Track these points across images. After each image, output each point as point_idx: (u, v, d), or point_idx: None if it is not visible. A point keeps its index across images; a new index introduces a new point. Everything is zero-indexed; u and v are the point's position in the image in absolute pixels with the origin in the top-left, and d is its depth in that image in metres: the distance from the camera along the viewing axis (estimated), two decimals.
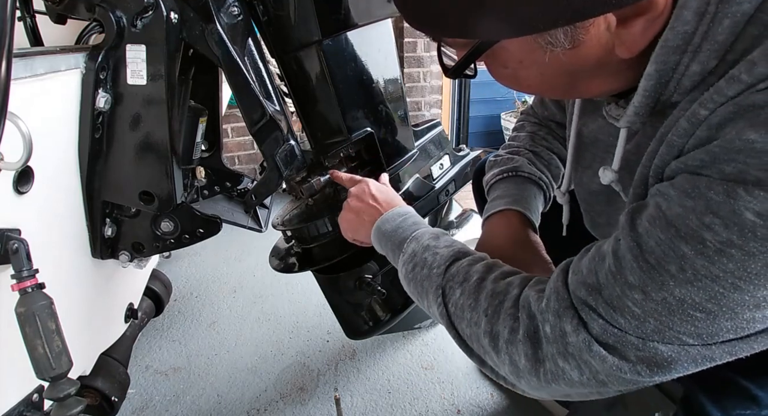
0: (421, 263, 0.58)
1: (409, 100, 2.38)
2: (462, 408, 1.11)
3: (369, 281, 0.85)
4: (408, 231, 0.63)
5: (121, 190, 0.72)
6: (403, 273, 0.61)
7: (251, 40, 0.72)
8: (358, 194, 0.72)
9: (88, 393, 0.92)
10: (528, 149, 0.78)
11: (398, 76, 0.86)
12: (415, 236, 0.61)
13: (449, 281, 0.54)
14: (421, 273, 0.57)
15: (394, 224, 0.65)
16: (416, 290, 0.58)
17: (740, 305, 0.36)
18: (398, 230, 0.64)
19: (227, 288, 1.66)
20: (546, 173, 0.76)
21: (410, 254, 0.60)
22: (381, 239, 0.66)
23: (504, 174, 0.75)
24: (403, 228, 0.64)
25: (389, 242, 0.64)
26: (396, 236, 0.64)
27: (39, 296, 0.54)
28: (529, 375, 0.45)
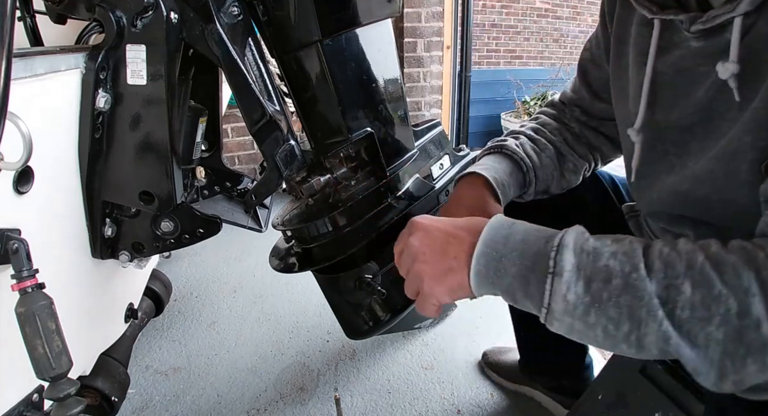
0: (601, 276, 0.41)
1: (409, 100, 2.38)
2: (462, 408, 1.11)
3: (369, 281, 0.85)
4: (539, 243, 0.45)
5: (121, 190, 0.72)
6: (569, 302, 0.42)
7: (251, 40, 0.72)
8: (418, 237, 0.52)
9: (88, 393, 0.92)
10: (526, 135, 0.79)
11: (398, 76, 0.85)
12: (563, 245, 0.43)
13: (665, 279, 0.39)
14: (610, 289, 0.40)
15: (506, 246, 0.46)
16: (603, 315, 0.41)
17: None
18: (521, 251, 0.45)
19: (227, 288, 1.66)
20: (533, 158, 0.75)
21: (572, 270, 0.42)
22: (496, 271, 0.46)
23: (488, 150, 0.77)
24: (526, 242, 0.45)
25: (513, 268, 0.45)
26: (525, 257, 0.45)
27: (39, 296, 0.54)
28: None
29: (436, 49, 2.60)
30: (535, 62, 4.85)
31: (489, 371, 1.20)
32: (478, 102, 3.38)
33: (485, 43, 4.58)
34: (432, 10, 2.50)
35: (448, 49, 2.65)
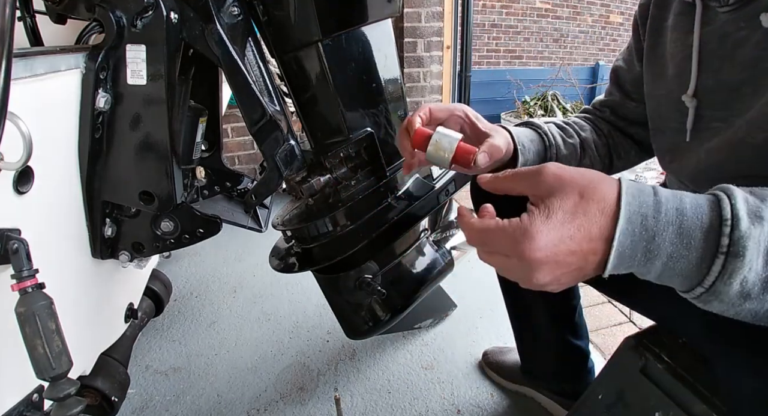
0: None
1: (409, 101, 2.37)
2: (462, 408, 1.11)
3: (369, 281, 0.85)
4: (701, 213, 0.37)
5: (121, 190, 0.72)
6: (748, 282, 0.35)
7: (251, 40, 0.72)
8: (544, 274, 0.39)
9: (88, 393, 0.92)
10: (555, 124, 0.81)
11: (398, 76, 0.86)
12: (738, 217, 0.35)
13: None
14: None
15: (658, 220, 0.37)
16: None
17: None
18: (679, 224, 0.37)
19: (227, 288, 1.66)
20: (557, 139, 0.77)
21: (754, 247, 0.35)
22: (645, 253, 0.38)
23: (517, 125, 0.79)
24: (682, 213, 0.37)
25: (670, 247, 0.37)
26: (685, 234, 0.37)
27: (39, 296, 0.54)
28: None
29: (436, 49, 2.60)
30: (535, 62, 4.85)
31: (489, 371, 1.20)
32: (478, 102, 3.38)
33: (485, 43, 4.58)
34: (432, 10, 2.50)
35: (448, 49, 2.65)
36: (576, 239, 0.38)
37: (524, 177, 0.42)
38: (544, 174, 0.40)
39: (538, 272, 0.39)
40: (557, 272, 0.39)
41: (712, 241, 0.36)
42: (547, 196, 0.39)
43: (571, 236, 0.38)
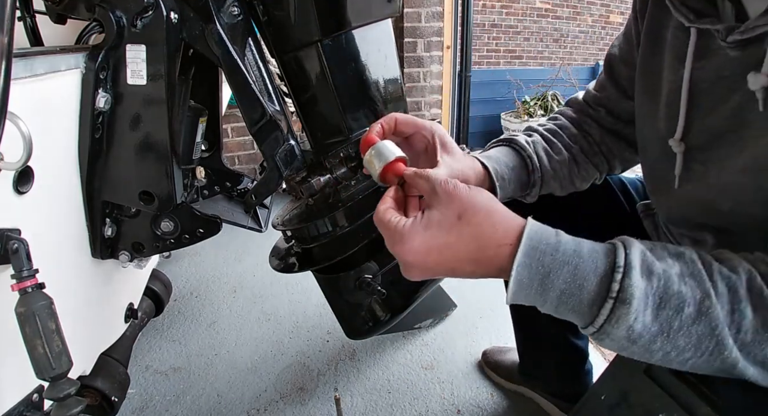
0: (674, 303, 0.38)
1: (409, 100, 2.38)
2: (462, 408, 1.11)
3: (369, 281, 0.85)
4: (597, 259, 0.40)
5: (121, 190, 0.72)
6: (634, 331, 0.39)
7: (251, 40, 0.72)
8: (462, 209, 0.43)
9: (88, 393, 0.92)
10: (542, 135, 0.75)
11: (398, 76, 0.85)
12: (630, 266, 0.39)
13: (729, 303, 0.38)
14: (682, 317, 0.38)
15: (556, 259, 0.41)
16: (673, 345, 0.39)
17: None
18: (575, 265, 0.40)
19: (227, 288, 1.66)
20: (542, 160, 0.70)
21: (641, 297, 0.38)
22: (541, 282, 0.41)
23: (497, 143, 0.72)
24: (579, 255, 0.40)
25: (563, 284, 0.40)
26: (580, 275, 0.40)
27: (39, 296, 0.54)
28: None
29: (436, 49, 2.60)
30: (535, 62, 4.86)
31: (489, 371, 1.20)
32: (478, 102, 3.38)
33: (485, 43, 4.58)
34: (432, 10, 2.50)
35: (448, 49, 2.65)
36: (444, 255, 0.43)
37: (428, 183, 0.46)
38: (439, 186, 0.44)
39: (409, 271, 0.45)
40: (427, 274, 0.44)
41: (603, 285, 0.39)
42: (434, 207, 0.44)
43: (440, 250, 0.43)
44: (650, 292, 0.39)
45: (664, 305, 0.38)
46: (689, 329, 0.38)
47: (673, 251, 0.42)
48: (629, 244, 0.41)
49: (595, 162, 0.76)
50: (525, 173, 0.69)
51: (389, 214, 0.46)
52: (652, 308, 0.39)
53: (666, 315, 0.38)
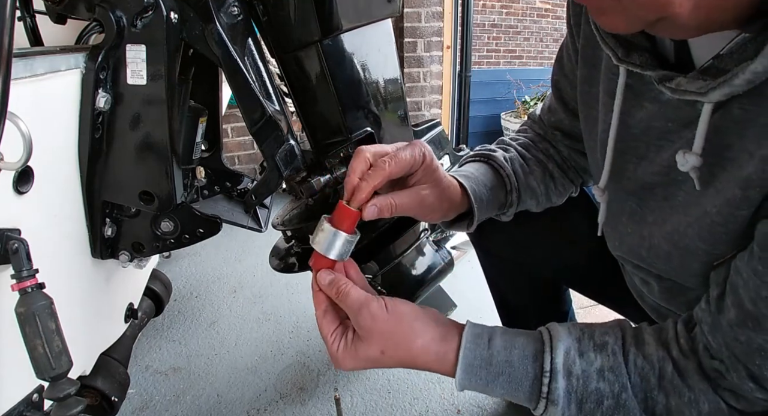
0: (592, 397, 0.45)
1: (409, 101, 2.38)
2: (462, 408, 1.11)
3: (369, 281, 0.85)
4: (526, 366, 0.47)
5: (121, 190, 0.72)
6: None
7: (251, 40, 0.72)
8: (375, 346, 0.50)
9: (88, 393, 0.92)
10: (517, 151, 0.71)
11: (398, 76, 0.86)
12: (555, 371, 0.46)
13: (643, 392, 0.44)
14: (602, 409, 0.45)
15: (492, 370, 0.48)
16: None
17: None
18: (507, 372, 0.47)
19: (227, 288, 1.66)
20: (519, 177, 0.68)
21: (565, 396, 0.45)
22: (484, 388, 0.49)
23: (475, 157, 0.70)
24: (511, 364, 0.47)
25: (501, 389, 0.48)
26: (514, 380, 0.47)
27: (39, 296, 0.54)
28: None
29: (436, 49, 2.60)
30: (535, 62, 4.86)
31: None
32: (478, 102, 3.38)
33: (485, 43, 4.58)
34: (432, 10, 2.50)
35: (448, 49, 2.65)
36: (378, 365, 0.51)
37: (349, 309, 0.52)
38: (359, 319, 0.50)
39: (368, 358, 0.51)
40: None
41: (535, 388, 0.46)
42: (358, 337, 0.51)
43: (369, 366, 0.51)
44: (572, 390, 0.45)
45: (585, 400, 0.45)
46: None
47: (598, 343, 0.47)
48: (555, 344, 0.47)
49: (571, 177, 0.74)
50: (503, 194, 0.67)
51: (325, 328, 0.54)
52: (575, 404, 0.45)
53: (589, 407, 0.45)
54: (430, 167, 0.55)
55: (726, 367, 0.41)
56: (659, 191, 0.50)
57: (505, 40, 4.67)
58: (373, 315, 0.50)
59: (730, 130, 0.39)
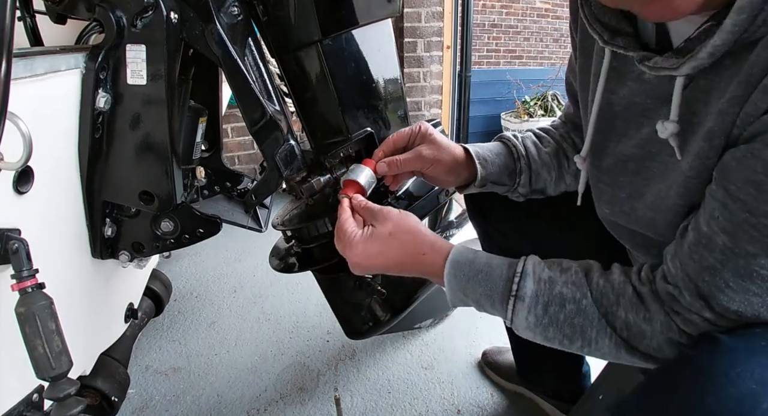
0: (557, 300, 0.50)
1: (409, 101, 2.38)
2: (462, 408, 1.11)
3: (369, 281, 0.85)
4: (500, 270, 0.54)
5: (121, 190, 0.72)
6: (529, 321, 0.52)
7: (251, 40, 0.72)
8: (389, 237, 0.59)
9: (88, 393, 0.92)
10: (533, 132, 0.78)
11: (398, 76, 0.85)
12: (525, 272, 0.52)
13: (603, 306, 0.49)
14: (564, 312, 0.50)
15: (474, 268, 0.55)
16: (560, 333, 0.51)
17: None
18: (486, 271, 0.54)
19: (227, 288, 1.66)
20: (530, 150, 0.75)
21: (532, 296, 0.51)
22: (464, 287, 0.56)
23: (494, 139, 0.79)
24: (490, 266, 0.55)
25: (479, 286, 0.54)
26: (490, 280, 0.54)
27: (39, 296, 0.54)
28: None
29: (436, 49, 2.60)
30: (535, 62, 4.85)
31: (489, 371, 1.20)
32: (478, 102, 3.38)
33: (485, 43, 4.58)
34: (432, 10, 2.50)
35: (448, 49, 2.65)
36: (378, 259, 0.59)
37: (370, 210, 0.63)
38: (379, 213, 0.61)
39: (354, 268, 0.61)
40: (368, 271, 0.61)
41: (507, 287, 0.52)
42: (374, 224, 0.61)
43: (376, 256, 0.59)
44: (539, 293, 0.51)
45: (550, 303, 0.50)
46: (572, 320, 0.50)
47: (565, 266, 0.53)
48: (530, 258, 0.54)
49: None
50: (511, 160, 0.75)
51: (348, 224, 0.62)
52: (542, 305, 0.51)
53: (553, 310, 0.50)
54: (425, 133, 0.71)
55: (679, 290, 0.45)
56: (631, 166, 0.55)
57: (505, 40, 4.66)
58: (390, 210, 0.61)
59: (698, 99, 0.45)
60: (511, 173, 0.75)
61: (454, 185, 0.76)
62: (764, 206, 0.38)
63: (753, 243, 0.40)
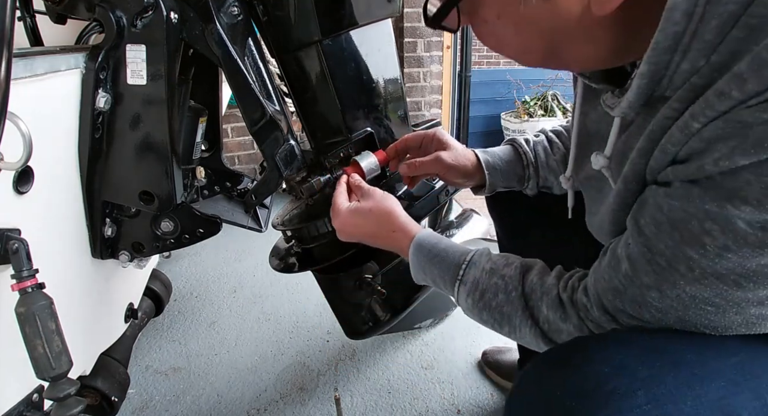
0: (492, 289, 0.57)
1: (409, 101, 2.38)
2: (462, 408, 1.11)
3: (369, 281, 0.85)
4: (454, 257, 0.61)
5: (121, 190, 0.72)
6: (468, 303, 0.59)
7: (251, 40, 0.72)
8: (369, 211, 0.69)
9: (88, 393, 0.92)
10: (547, 135, 0.81)
11: (398, 76, 0.86)
12: (472, 262, 0.60)
13: (531, 300, 0.55)
14: (497, 300, 0.56)
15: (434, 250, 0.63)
16: (492, 317, 0.58)
17: (745, 301, 0.40)
18: (442, 256, 0.62)
19: (227, 288, 1.66)
20: (539, 157, 0.79)
21: (473, 282, 0.58)
22: (423, 265, 0.63)
23: (505, 143, 0.83)
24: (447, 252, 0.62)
25: (435, 268, 0.62)
26: (444, 263, 0.61)
27: (39, 296, 0.54)
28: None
29: (436, 49, 2.60)
30: None
31: (489, 370, 1.20)
32: (478, 102, 3.38)
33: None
34: None
35: (448, 49, 2.65)
36: (357, 228, 0.69)
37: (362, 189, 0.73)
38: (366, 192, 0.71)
39: (339, 234, 0.72)
40: (349, 238, 0.71)
41: (456, 271, 0.60)
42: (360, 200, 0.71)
43: (355, 225, 0.69)
44: (480, 280, 0.58)
45: (486, 290, 0.57)
46: (501, 308, 0.56)
47: (509, 262, 0.59)
48: (480, 250, 0.61)
49: None
50: (520, 167, 0.79)
51: (340, 197, 0.72)
52: (480, 291, 0.57)
53: (488, 297, 0.57)
54: (441, 139, 0.78)
55: (591, 304, 0.50)
56: (594, 183, 0.60)
57: None
58: (375, 191, 0.71)
59: (633, 135, 0.48)
60: (519, 179, 0.80)
61: (466, 187, 0.83)
62: (660, 245, 0.41)
63: (648, 276, 0.43)
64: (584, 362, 0.42)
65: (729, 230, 0.37)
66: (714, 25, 0.36)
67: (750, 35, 0.35)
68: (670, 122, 0.40)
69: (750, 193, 0.35)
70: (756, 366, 0.42)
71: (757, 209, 0.35)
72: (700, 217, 0.38)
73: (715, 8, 0.36)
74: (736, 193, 0.36)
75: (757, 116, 0.33)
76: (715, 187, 0.37)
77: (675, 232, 0.40)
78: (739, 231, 0.36)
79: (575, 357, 0.44)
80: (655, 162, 0.42)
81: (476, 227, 1.23)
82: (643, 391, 0.38)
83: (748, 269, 0.38)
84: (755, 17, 0.35)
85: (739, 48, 0.35)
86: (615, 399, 0.38)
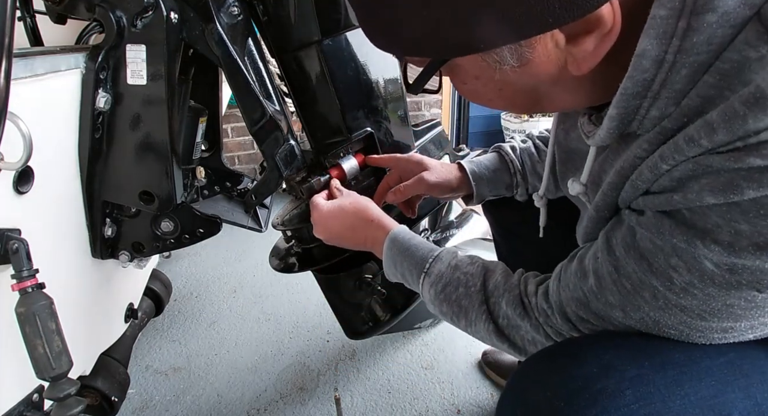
0: (453, 283, 0.59)
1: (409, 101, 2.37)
2: (462, 408, 1.11)
3: (369, 281, 0.85)
4: (424, 252, 0.63)
5: (121, 190, 0.72)
6: (431, 294, 0.61)
7: (251, 40, 0.72)
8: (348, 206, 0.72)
9: (88, 393, 0.92)
10: (534, 142, 0.82)
11: (398, 76, 0.86)
12: (438, 257, 0.61)
13: (493, 296, 0.56)
14: (456, 293, 0.58)
15: (406, 245, 0.65)
16: (450, 310, 0.60)
17: (708, 329, 0.40)
18: (413, 250, 0.64)
19: (227, 288, 1.66)
20: (526, 164, 0.80)
21: (438, 275, 0.60)
22: (395, 257, 0.65)
23: (492, 150, 0.84)
24: (417, 248, 0.64)
25: (405, 261, 0.64)
26: (414, 257, 0.63)
27: (39, 296, 0.54)
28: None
29: None
30: None
31: (489, 370, 1.20)
32: None
33: None
34: None
35: None
36: (329, 227, 0.72)
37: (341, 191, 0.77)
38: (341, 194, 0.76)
39: (316, 231, 0.74)
40: (325, 236, 0.73)
41: (422, 265, 0.62)
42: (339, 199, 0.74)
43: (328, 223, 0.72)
44: (444, 274, 0.60)
45: (448, 284, 0.59)
46: (460, 301, 0.58)
47: (473, 261, 0.61)
48: (448, 248, 0.63)
49: None
50: (507, 175, 0.81)
51: (319, 198, 0.76)
52: (442, 284, 0.60)
53: (449, 289, 0.59)
54: (418, 160, 0.80)
55: (552, 310, 0.51)
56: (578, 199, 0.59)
57: None
58: (352, 193, 0.75)
59: (608, 162, 0.47)
60: (507, 186, 0.81)
61: (456, 199, 0.85)
62: (629, 269, 0.41)
63: (613, 295, 0.43)
64: (573, 362, 0.43)
65: (695, 268, 0.37)
66: (684, 74, 0.35)
67: (722, 80, 0.34)
68: (639, 161, 0.40)
69: (720, 235, 0.35)
70: (746, 365, 0.42)
71: (726, 250, 0.35)
72: (667, 252, 0.38)
73: (686, 57, 0.35)
74: (706, 233, 0.35)
75: (726, 165, 0.33)
76: (685, 222, 0.37)
77: (643, 261, 0.40)
78: (705, 271, 0.36)
79: (564, 358, 0.44)
80: (626, 194, 0.43)
81: (476, 227, 1.23)
82: (631, 390, 0.38)
83: (713, 308, 0.38)
84: (727, 62, 0.34)
85: (711, 93, 0.35)
86: (603, 398, 0.38)
